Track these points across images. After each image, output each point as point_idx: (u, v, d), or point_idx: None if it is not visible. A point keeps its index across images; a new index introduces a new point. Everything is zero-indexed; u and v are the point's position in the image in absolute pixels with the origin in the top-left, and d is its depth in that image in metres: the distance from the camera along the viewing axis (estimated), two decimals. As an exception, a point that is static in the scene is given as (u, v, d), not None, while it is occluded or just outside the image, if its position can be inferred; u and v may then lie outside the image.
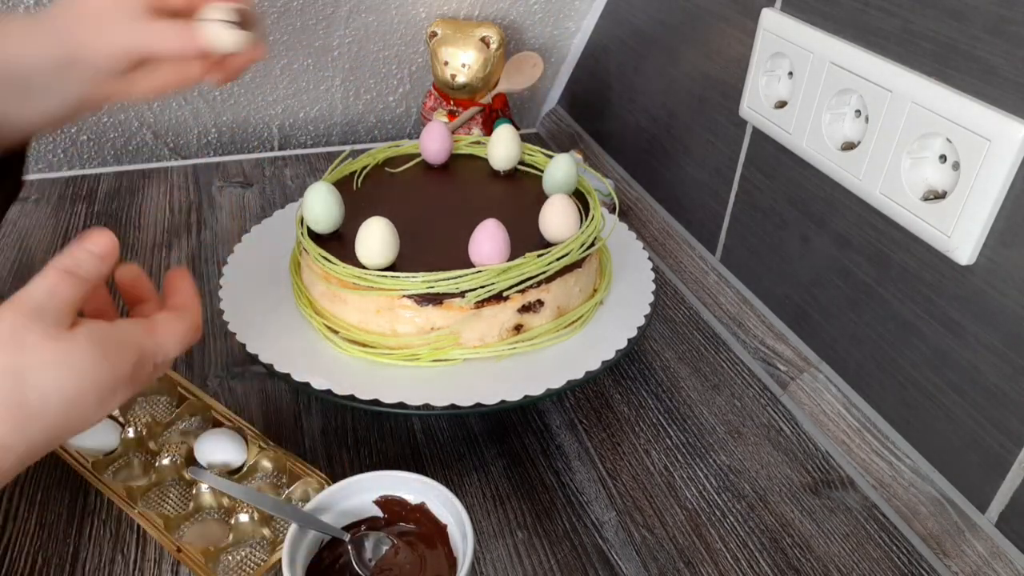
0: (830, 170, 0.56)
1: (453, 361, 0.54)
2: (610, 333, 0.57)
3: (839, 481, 0.55)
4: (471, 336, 0.54)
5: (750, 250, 0.69)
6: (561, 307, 0.57)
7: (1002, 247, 0.45)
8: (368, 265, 0.53)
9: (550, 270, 0.54)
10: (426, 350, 0.54)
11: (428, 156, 0.68)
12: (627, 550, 0.50)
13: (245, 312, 0.59)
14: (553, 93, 1.09)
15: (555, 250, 0.55)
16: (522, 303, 0.54)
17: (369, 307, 0.54)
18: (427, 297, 0.53)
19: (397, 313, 0.53)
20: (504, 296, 0.53)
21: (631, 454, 0.57)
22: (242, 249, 0.66)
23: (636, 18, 0.84)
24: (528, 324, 0.56)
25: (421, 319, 0.53)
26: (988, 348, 0.47)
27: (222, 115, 0.97)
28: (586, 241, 0.57)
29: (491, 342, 0.55)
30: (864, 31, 0.53)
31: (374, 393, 0.51)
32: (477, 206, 0.61)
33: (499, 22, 0.95)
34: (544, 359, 0.55)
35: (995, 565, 0.47)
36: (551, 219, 0.56)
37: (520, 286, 0.54)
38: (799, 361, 0.62)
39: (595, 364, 0.54)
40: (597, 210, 0.60)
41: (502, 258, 0.53)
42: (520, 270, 0.53)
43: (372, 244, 0.53)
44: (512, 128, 0.67)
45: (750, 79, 0.64)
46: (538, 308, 0.55)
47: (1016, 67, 0.43)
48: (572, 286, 0.57)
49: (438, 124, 0.68)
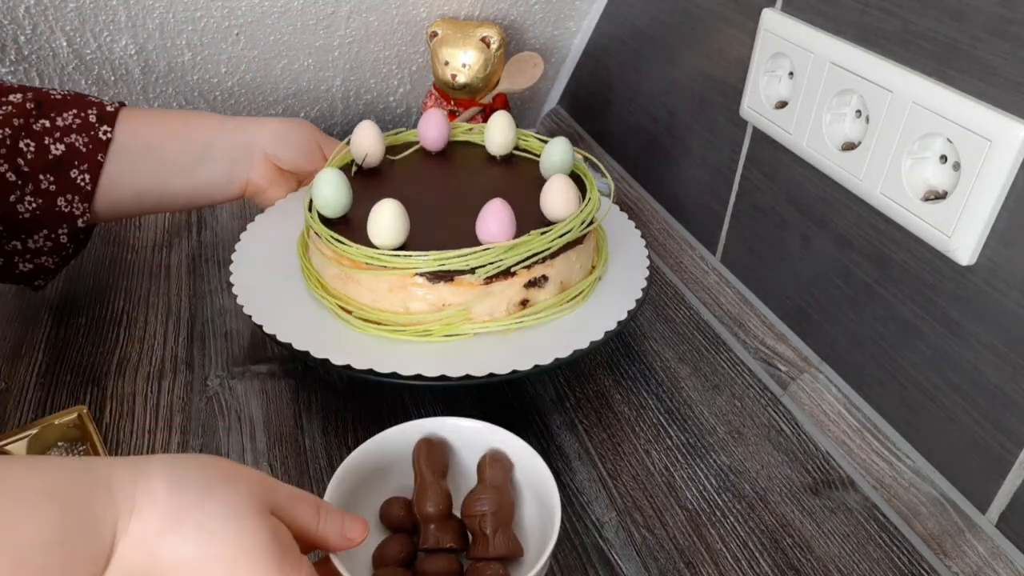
0: (830, 170, 0.56)
1: (464, 335, 0.56)
2: (610, 307, 0.59)
3: (839, 481, 0.55)
4: (481, 311, 0.56)
5: (750, 250, 0.69)
6: (564, 282, 0.59)
7: (1003, 247, 0.45)
8: (380, 245, 0.55)
9: (554, 246, 0.57)
10: (438, 325, 0.55)
11: (427, 143, 0.69)
12: (627, 550, 0.50)
13: (258, 297, 0.60)
14: (553, 93, 1.09)
15: (558, 227, 0.57)
16: (528, 278, 0.57)
17: (381, 286, 0.55)
18: (439, 274, 0.54)
19: (410, 291, 0.55)
20: (512, 272, 0.55)
21: (631, 454, 0.57)
22: (248, 238, 0.67)
23: (636, 18, 0.84)
24: (534, 299, 0.58)
25: (433, 296, 0.55)
26: (988, 348, 0.47)
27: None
28: (586, 219, 0.59)
29: (500, 317, 0.57)
30: (865, 31, 0.53)
31: (391, 367, 0.52)
32: (477, 189, 0.63)
33: (499, 22, 0.95)
34: (549, 332, 0.57)
35: (995, 565, 0.47)
36: (553, 198, 0.58)
37: (526, 262, 0.56)
38: (799, 361, 0.62)
39: (598, 335, 0.56)
40: (593, 191, 0.62)
41: (508, 235, 0.55)
42: (526, 247, 0.55)
43: (384, 225, 0.54)
44: (508, 115, 0.68)
45: (750, 79, 0.64)
46: (543, 283, 0.57)
47: (1017, 67, 0.43)
48: (574, 262, 0.59)
49: (436, 112, 0.69)
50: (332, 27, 0.89)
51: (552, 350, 0.54)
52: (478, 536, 0.45)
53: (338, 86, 0.98)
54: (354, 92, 1.00)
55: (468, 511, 0.45)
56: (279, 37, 0.89)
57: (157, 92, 0.91)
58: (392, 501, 0.47)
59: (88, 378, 0.61)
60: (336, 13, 0.88)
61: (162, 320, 0.67)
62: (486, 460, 0.47)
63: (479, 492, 0.45)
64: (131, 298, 0.70)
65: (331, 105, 1.01)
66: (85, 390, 0.60)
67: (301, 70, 0.94)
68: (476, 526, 0.44)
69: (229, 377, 0.62)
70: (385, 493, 0.47)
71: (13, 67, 0.82)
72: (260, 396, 0.60)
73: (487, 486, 0.45)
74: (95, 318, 0.67)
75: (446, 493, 0.46)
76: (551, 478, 0.45)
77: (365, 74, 0.98)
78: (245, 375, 0.62)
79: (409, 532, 0.46)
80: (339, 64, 0.95)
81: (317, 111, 1.01)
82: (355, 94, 1.00)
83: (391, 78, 0.99)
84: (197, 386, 0.60)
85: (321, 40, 0.91)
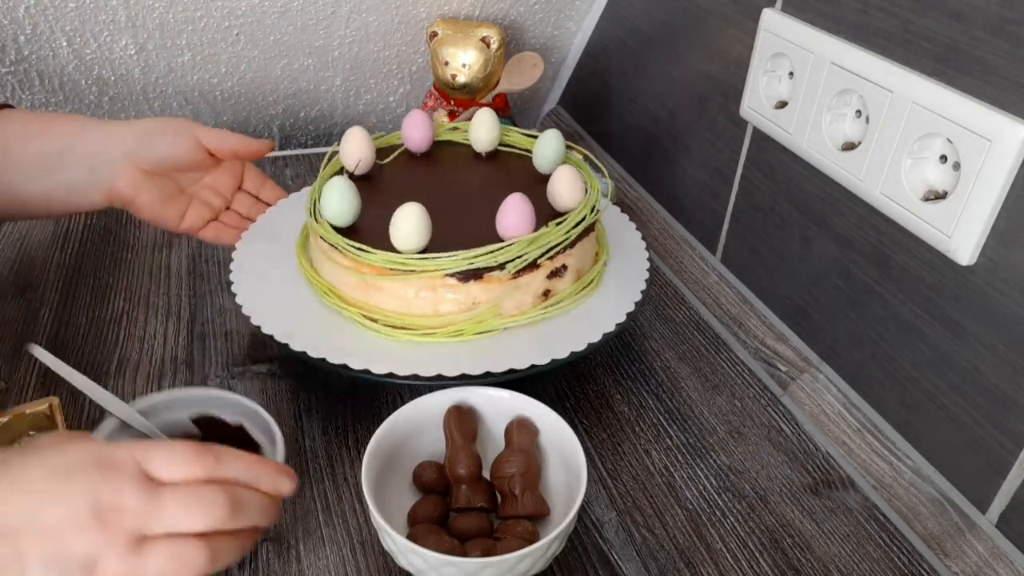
0: (830, 170, 0.56)
1: (495, 331, 0.57)
2: (622, 293, 0.61)
3: (839, 481, 0.55)
4: (509, 306, 0.57)
5: (750, 250, 0.69)
6: (579, 270, 0.61)
7: (1003, 247, 0.45)
8: (404, 250, 0.55)
9: (571, 235, 0.58)
10: (469, 324, 0.56)
11: (411, 145, 0.69)
12: (627, 550, 0.50)
13: (262, 302, 0.59)
14: (553, 93, 1.09)
15: (572, 216, 0.58)
16: (551, 269, 0.58)
17: (407, 291, 0.55)
18: (469, 273, 0.55)
19: (439, 293, 0.55)
20: (537, 264, 0.56)
21: (631, 454, 0.57)
22: (248, 238, 0.67)
23: (636, 18, 0.84)
24: (555, 288, 0.59)
25: (463, 295, 0.56)
26: (988, 348, 0.47)
27: (222, 115, 0.97)
28: (594, 206, 0.60)
29: (526, 309, 0.58)
30: (865, 31, 0.53)
31: (413, 369, 0.53)
32: (474, 186, 0.64)
33: (499, 22, 0.95)
34: (571, 320, 0.58)
35: (995, 565, 0.47)
36: (561, 189, 0.59)
37: (549, 253, 0.57)
38: (799, 361, 0.62)
39: (621, 317, 0.58)
40: (591, 178, 0.63)
41: (529, 229, 0.56)
42: (547, 238, 0.56)
43: (409, 229, 0.54)
44: (492, 112, 0.68)
45: (750, 79, 0.64)
46: (563, 273, 0.59)
47: (1017, 67, 0.43)
48: (588, 250, 0.61)
49: (419, 112, 0.69)
50: (332, 27, 0.89)
51: (579, 338, 0.56)
52: (507, 496, 0.48)
53: (338, 86, 0.98)
54: (354, 92, 1.00)
55: (497, 473, 0.48)
56: (279, 37, 0.89)
57: (157, 92, 0.91)
58: (425, 465, 0.50)
59: (88, 378, 0.61)
60: (336, 13, 0.88)
61: (162, 320, 0.67)
62: (513, 425, 0.50)
63: (507, 455, 0.48)
64: (131, 298, 0.70)
65: (331, 105, 1.01)
66: (85, 390, 0.60)
67: (301, 70, 0.94)
68: (505, 487, 0.48)
69: (229, 377, 0.62)
70: (418, 457, 0.51)
71: (13, 67, 0.82)
72: (260, 396, 0.60)
73: (515, 450, 0.49)
74: (95, 318, 0.67)
75: (476, 456, 0.49)
76: (575, 440, 0.48)
77: (365, 74, 0.98)
78: (245, 375, 0.62)
79: (441, 493, 0.49)
80: (339, 64, 0.95)
81: (317, 111, 1.01)
82: (355, 94, 1.00)
83: (391, 78, 0.99)
84: (197, 386, 0.61)
85: (321, 40, 0.91)
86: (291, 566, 0.48)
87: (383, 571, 0.48)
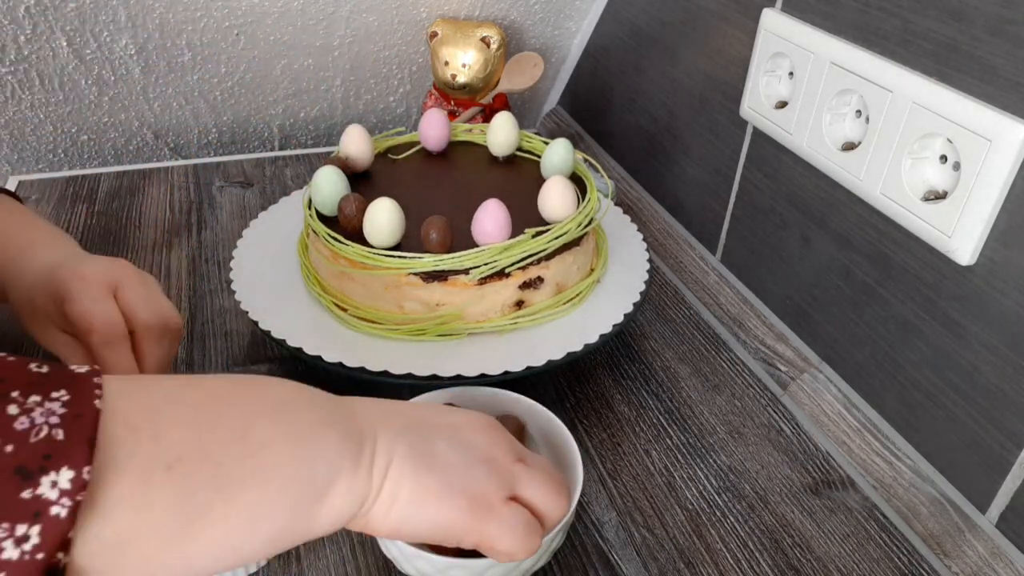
0: (830, 170, 0.56)
1: (458, 335, 0.56)
2: (607, 310, 0.60)
3: (839, 481, 0.55)
4: (475, 311, 0.56)
5: (750, 250, 0.69)
6: (560, 284, 0.59)
7: (1003, 247, 0.45)
8: (376, 245, 0.55)
9: (549, 248, 0.57)
10: (432, 325, 0.56)
11: (428, 143, 0.69)
12: (627, 550, 0.50)
13: (257, 295, 0.60)
14: (553, 93, 1.09)
15: (554, 228, 0.57)
16: (523, 279, 0.57)
17: (377, 285, 0.56)
18: (433, 274, 0.55)
19: (404, 291, 0.55)
20: (506, 273, 0.55)
21: (631, 454, 0.57)
22: (248, 238, 0.67)
23: (636, 18, 0.84)
24: (529, 300, 0.58)
25: (427, 296, 0.55)
26: (988, 348, 0.47)
27: (222, 115, 0.97)
28: (583, 220, 0.59)
29: (493, 317, 0.57)
30: (865, 31, 0.53)
31: (383, 365, 0.53)
32: (478, 189, 0.63)
33: (500, 22, 0.95)
34: (545, 333, 0.57)
35: (995, 565, 0.47)
36: (549, 199, 0.58)
37: (521, 263, 0.56)
38: (799, 361, 0.62)
39: (593, 338, 0.56)
40: (593, 192, 0.62)
41: (503, 236, 0.55)
42: (521, 248, 0.55)
43: (380, 224, 0.54)
44: (511, 115, 0.68)
45: (750, 79, 0.64)
46: (538, 285, 0.57)
47: (1017, 67, 0.43)
48: (571, 264, 0.59)
49: (437, 112, 0.69)
50: (332, 27, 0.89)
51: (546, 352, 0.55)
52: None
53: (338, 86, 0.98)
54: (354, 92, 1.00)
55: None
56: (279, 37, 0.89)
57: (157, 92, 0.91)
58: None
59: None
60: (336, 13, 0.88)
61: (162, 320, 0.67)
62: (497, 420, 0.50)
63: None
64: (131, 298, 0.70)
65: (331, 105, 1.01)
66: (85, 390, 0.60)
67: (301, 70, 0.94)
68: None
69: (229, 377, 0.62)
70: None
71: (13, 67, 0.82)
72: (260, 396, 0.60)
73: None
74: (95, 318, 0.67)
75: None
76: (566, 430, 0.48)
77: (365, 74, 0.98)
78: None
79: None
80: (339, 64, 0.95)
81: (317, 111, 1.01)
82: (355, 94, 1.00)
83: (391, 78, 0.99)
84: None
85: (321, 40, 0.91)
86: (291, 566, 0.48)
87: (383, 571, 0.48)
